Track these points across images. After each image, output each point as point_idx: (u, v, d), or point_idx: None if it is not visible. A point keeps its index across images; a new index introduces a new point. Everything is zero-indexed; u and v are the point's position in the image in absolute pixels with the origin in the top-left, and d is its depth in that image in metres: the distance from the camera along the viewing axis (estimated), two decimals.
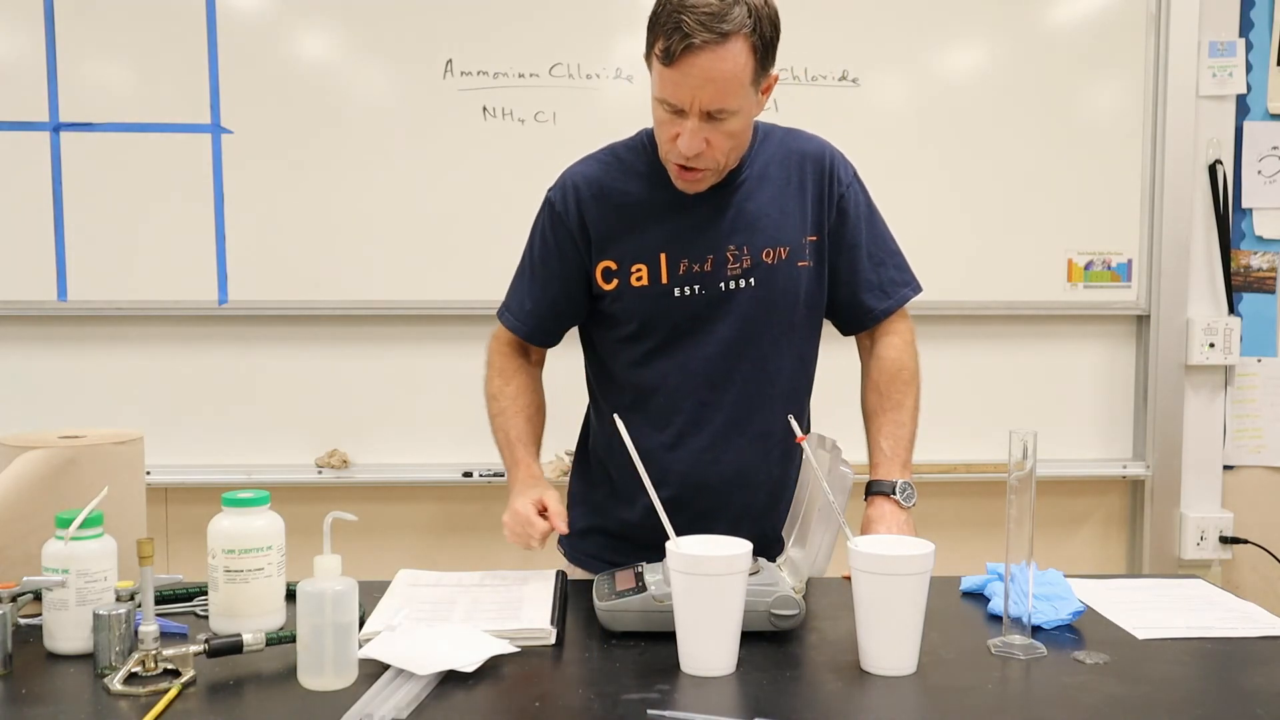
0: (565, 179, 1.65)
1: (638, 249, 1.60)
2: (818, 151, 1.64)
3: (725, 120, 1.47)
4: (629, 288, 1.60)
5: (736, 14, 1.40)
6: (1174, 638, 1.32)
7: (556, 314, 1.68)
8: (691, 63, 1.41)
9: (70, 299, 2.60)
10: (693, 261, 1.58)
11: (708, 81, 1.42)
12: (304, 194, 2.61)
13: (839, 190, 1.64)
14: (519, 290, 1.70)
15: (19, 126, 2.56)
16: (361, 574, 1.25)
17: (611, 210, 1.61)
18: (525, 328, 1.69)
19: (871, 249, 1.67)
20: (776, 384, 1.64)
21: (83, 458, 1.40)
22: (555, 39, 2.60)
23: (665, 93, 1.46)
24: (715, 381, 1.62)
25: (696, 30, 1.39)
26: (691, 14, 1.39)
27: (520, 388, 1.69)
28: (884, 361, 1.67)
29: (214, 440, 2.66)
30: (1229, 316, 2.79)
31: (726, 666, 1.20)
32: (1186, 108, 2.72)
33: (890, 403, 1.65)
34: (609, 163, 1.64)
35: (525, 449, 1.65)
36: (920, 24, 2.67)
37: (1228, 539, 2.80)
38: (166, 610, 1.41)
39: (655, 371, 1.63)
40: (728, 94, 1.44)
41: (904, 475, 1.61)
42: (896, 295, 1.68)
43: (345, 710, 1.07)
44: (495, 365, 1.72)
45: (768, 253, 1.59)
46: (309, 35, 2.60)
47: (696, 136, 1.46)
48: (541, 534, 1.51)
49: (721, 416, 1.62)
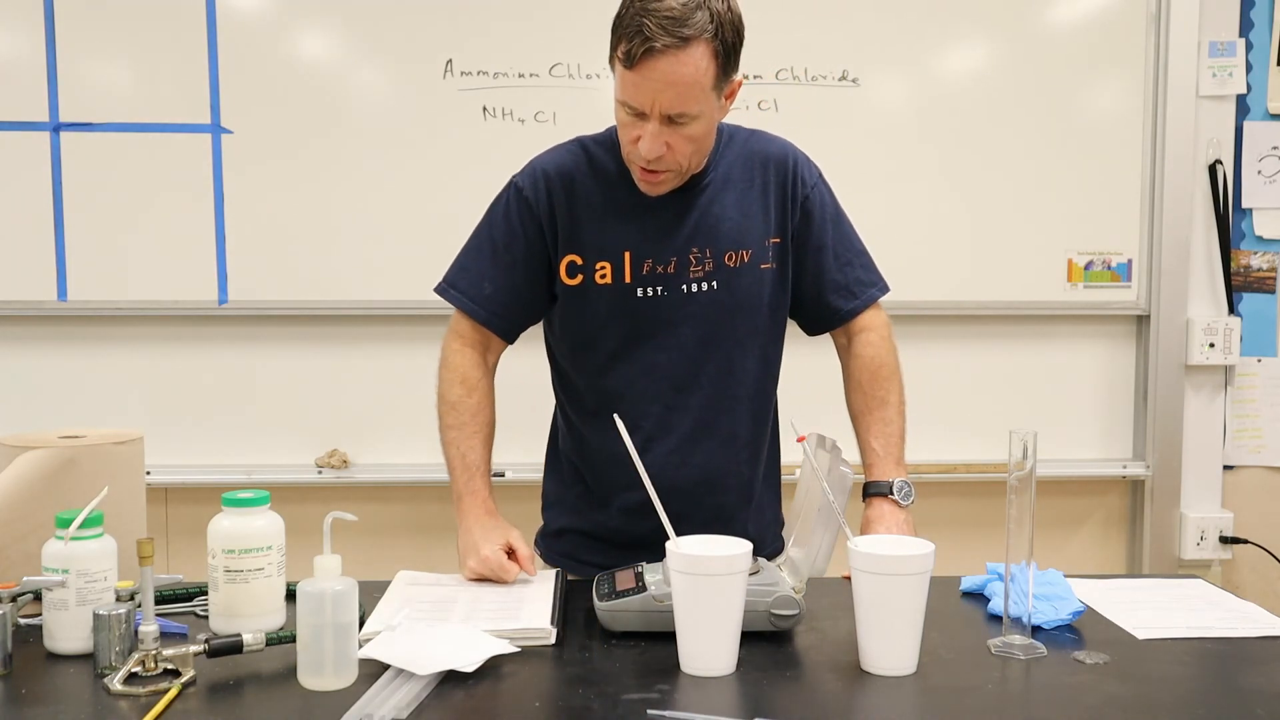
0: (535, 167, 1.63)
1: (603, 246, 1.59)
2: (780, 153, 1.64)
3: (686, 124, 1.47)
4: (593, 284, 1.59)
5: (698, 19, 1.40)
6: (1174, 638, 1.32)
7: (520, 302, 1.64)
8: (652, 66, 1.41)
9: (70, 299, 2.60)
10: (656, 262, 1.58)
11: (668, 85, 1.42)
12: (304, 194, 2.61)
13: (803, 191, 1.64)
14: (474, 270, 1.64)
15: (19, 126, 2.56)
16: (361, 574, 1.25)
17: (580, 204, 1.60)
18: (485, 312, 1.63)
19: (838, 249, 1.67)
20: (743, 386, 1.64)
21: (83, 458, 1.40)
22: (555, 39, 2.60)
23: (626, 95, 1.46)
24: (680, 385, 1.61)
25: (657, 34, 1.38)
26: (653, 18, 1.39)
27: (480, 402, 1.63)
28: (862, 360, 1.67)
29: (214, 440, 2.66)
30: (1229, 316, 2.79)
31: (726, 666, 1.20)
32: (1186, 108, 2.72)
33: (875, 401, 1.65)
34: (578, 156, 1.63)
35: (483, 479, 1.60)
36: (920, 24, 2.67)
37: (1228, 539, 2.80)
38: (166, 610, 1.41)
39: (619, 376, 1.62)
40: (688, 98, 1.44)
41: (899, 473, 1.61)
42: (864, 295, 1.68)
43: (345, 710, 1.07)
44: (456, 369, 1.64)
45: (730, 256, 1.60)
46: (309, 35, 2.60)
47: (657, 140, 1.46)
48: (513, 578, 1.49)
49: (689, 420, 1.62)
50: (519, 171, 1.65)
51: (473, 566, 1.51)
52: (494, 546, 1.50)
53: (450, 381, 1.64)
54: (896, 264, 1.81)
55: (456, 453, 1.61)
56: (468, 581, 1.50)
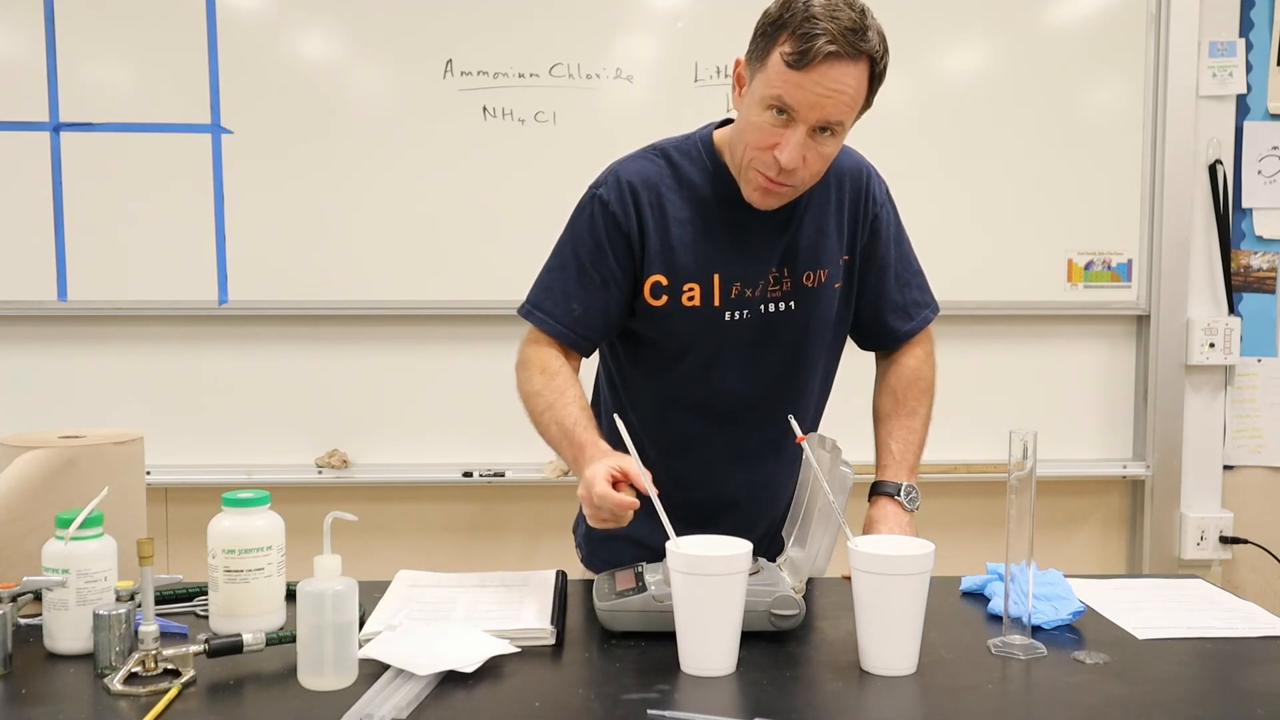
0: (619, 177, 1.53)
1: (692, 266, 1.51)
2: (855, 168, 1.60)
3: (828, 139, 1.42)
4: (679, 307, 1.52)
5: (871, 38, 1.39)
6: (1174, 638, 1.31)
7: (609, 321, 1.55)
8: (825, 71, 1.36)
9: (70, 299, 2.60)
10: (745, 285, 1.53)
11: (834, 93, 1.38)
12: (304, 194, 2.61)
13: (873, 210, 1.61)
14: (559, 290, 1.54)
15: (19, 126, 2.56)
16: (361, 574, 1.25)
17: (669, 220, 1.52)
18: (573, 335, 1.53)
19: (899, 269, 1.65)
20: (806, 401, 1.62)
21: (83, 458, 1.40)
22: (555, 39, 2.60)
23: (786, 95, 1.38)
24: (752, 404, 1.58)
25: (839, 39, 1.35)
26: (834, 24, 1.35)
27: (566, 381, 1.51)
28: (904, 369, 1.66)
29: (214, 440, 2.66)
30: (1229, 316, 2.79)
31: (726, 666, 1.20)
32: (1186, 108, 2.72)
33: (905, 409, 1.64)
34: (662, 166, 1.54)
35: (585, 430, 1.45)
36: (920, 24, 2.67)
37: (1228, 539, 2.80)
38: (166, 610, 1.41)
39: (694, 397, 1.58)
40: (844, 111, 1.40)
41: (910, 479, 1.61)
42: (919, 317, 1.67)
43: (345, 710, 1.06)
44: (534, 363, 1.53)
45: (808, 276, 1.56)
46: (309, 35, 2.60)
47: (800, 149, 1.40)
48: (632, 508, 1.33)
49: (755, 438, 1.60)
50: (598, 181, 1.55)
51: (587, 513, 1.37)
52: (599, 480, 1.33)
53: (529, 377, 1.53)
54: None
55: (555, 426, 1.47)
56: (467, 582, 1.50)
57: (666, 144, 1.57)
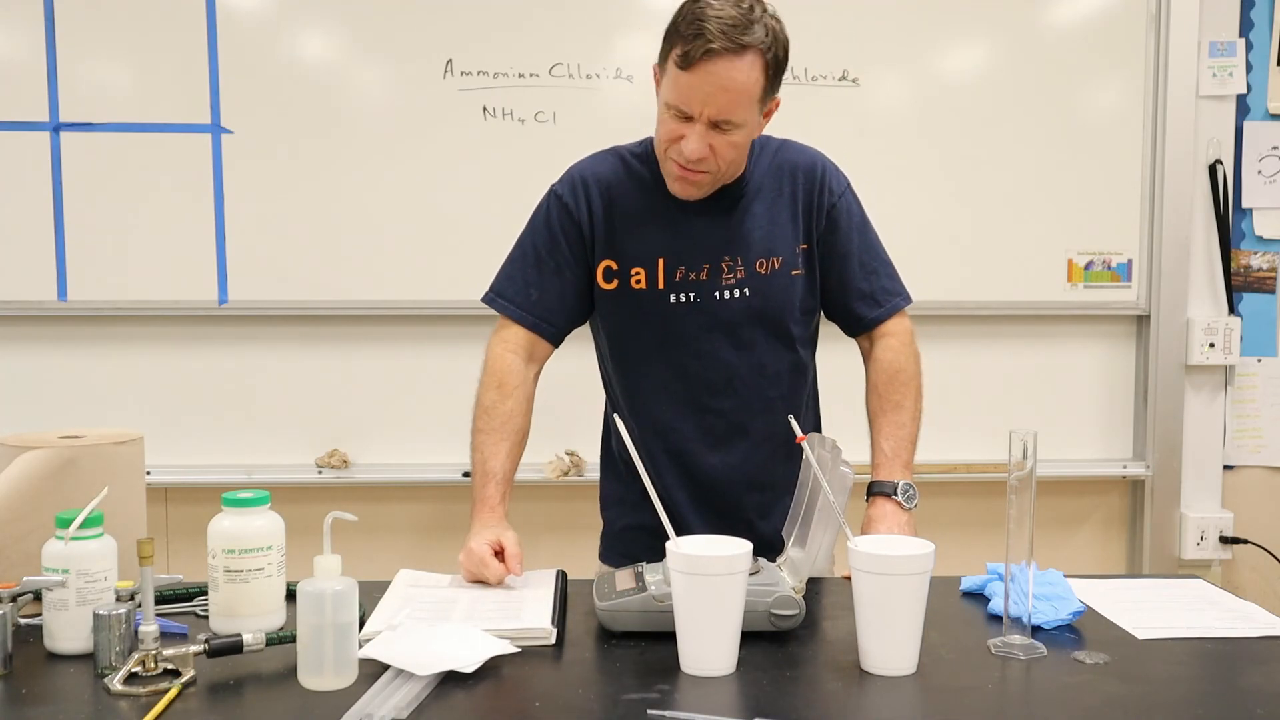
0: (574, 175, 1.68)
1: (637, 252, 1.63)
2: (809, 163, 1.68)
3: (729, 132, 1.51)
4: (629, 289, 1.64)
5: (756, 31, 1.46)
6: (1174, 638, 1.31)
7: (565, 306, 1.67)
8: (708, 69, 1.45)
9: (70, 299, 2.60)
10: (689, 269, 1.62)
11: (721, 90, 1.46)
12: (304, 194, 2.61)
13: (830, 200, 1.66)
14: (520, 278, 1.67)
15: (19, 126, 2.56)
16: (361, 574, 1.25)
17: (617, 211, 1.65)
18: (532, 318, 1.66)
19: (863, 258, 1.69)
20: (775, 388, 1.67)
21: (83, 458, 1.40)
22: (555, 39, 2.60)
23: (677, 97, 1.49)
24: (714, 388, 1.65)
25: (717, 37, 1.43)
26: (714, 22, 1.43)
27: (514, 409, 1.64)
28: (880, 364, 1.69)
29: (214, 440, 2.66)
30: (1229, 316, 2.79)
31: (726, 666, 1.20)
32: (1186, 108, 2.72)
33: (889, 404, 1.67)
34: (616, 165, 1.68)
35: (498, 487, 1.60)
36: (920, 24, 2.67)
37: (1228, 539, 2.80)
38: (166, 610, 1.41)
39: (653, 380, 1.66)
40: (737, 105, 1.48)
41: (905, 476, 1.62)
42: (888, 304, 1.71)
43: (345, 710, 1.06)
44: (495, 373, 1.65)
45: (761, 263, 1.63)
46: (309, 35, 2.60)
47: (702, 140, 1.50)
48: (497, 576, 1.46)
49: (723, 422, 1.66)
50: (558, 180, 1.69)
51: (460, 560, 1.51)
52: (480, 542, 1.49)
53: (488, 385, 1.66)
54: (896, 264, 1.81)
55: (479, 458, 1.63)
56: (466, 582, 1.50)
57: (622, 148, 1.70)
